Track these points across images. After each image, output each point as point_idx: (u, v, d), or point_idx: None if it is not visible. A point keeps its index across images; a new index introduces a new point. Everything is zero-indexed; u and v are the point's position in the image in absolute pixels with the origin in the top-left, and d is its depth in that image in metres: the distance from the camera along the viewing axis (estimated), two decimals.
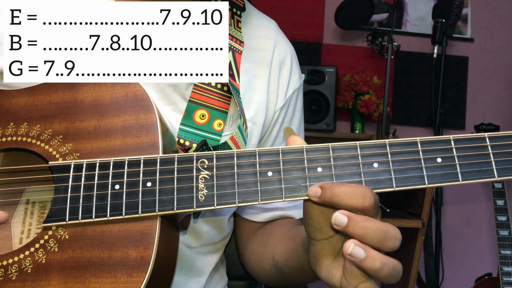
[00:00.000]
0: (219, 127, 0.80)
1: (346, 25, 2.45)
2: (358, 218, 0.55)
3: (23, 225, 0.70)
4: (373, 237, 0.54)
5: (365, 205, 0.56)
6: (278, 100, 0.91)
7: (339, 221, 0.55)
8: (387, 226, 0.55)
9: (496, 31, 3.08)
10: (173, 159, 0.62)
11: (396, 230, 0.56)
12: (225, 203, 0.60)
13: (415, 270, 1.96)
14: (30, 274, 0.61)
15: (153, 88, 0.80)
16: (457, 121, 3.03)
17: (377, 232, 0.54)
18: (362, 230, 0.54)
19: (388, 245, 0.55)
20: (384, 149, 0.60)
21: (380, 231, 0.55)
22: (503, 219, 2.18)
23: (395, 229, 0.56)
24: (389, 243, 0.55)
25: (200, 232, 0.87)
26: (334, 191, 0.56)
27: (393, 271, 0.55)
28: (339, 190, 0.56)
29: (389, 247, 0.55)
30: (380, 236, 0.54)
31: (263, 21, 0.94)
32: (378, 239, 0.54)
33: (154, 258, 0.60)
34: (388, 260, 0.55)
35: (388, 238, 0.55)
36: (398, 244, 0.56)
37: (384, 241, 0.55)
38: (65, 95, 0.67)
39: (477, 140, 0.59)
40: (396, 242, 0.55)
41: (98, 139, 0.65)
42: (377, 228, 0.55)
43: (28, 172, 0.69)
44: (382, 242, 0.55)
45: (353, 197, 0.56)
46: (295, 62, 0.95)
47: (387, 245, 0.55)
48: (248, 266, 0.97)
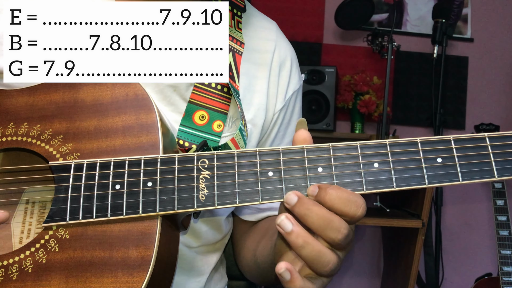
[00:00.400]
0: (218, 128, 0.80)
1: (346, 25, 2.45)
2: (306, 200, 0.56)
3: (23, 225, 0.70)
4: (315, 222, 0.55)
5: (356, 215, 0.56)
6: (277, 101, 0.91)
7: (290, 200, 0.57)
8: (334, 217, 0.56)
9: (496, 31, 3.08)
10: (174, 159, 0.62)
11: (342, 223, 0.56)
12: (226, 203, 0.60)
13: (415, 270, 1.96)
14: (30, 274, 0.61)
15: (153, 89, 0.80)
16: (457, 121, 3.03)
17: (320, 218, 0.55)
18: (305, 211, 0.56)
19: (328, 234, 0.55)
20: (384, 149, 0.60)
21: (323, 218, 0.55)
22: (503, 219, 2.18)
23: (341, 222, 0.56)
24: (330, 232, 0.55)
25: (199, 232, 0.87)
26: (328, 193, 0.56)
27: (318, 256, 0.55)
28: (334, 193, 0.56)
29: (329, 237, 0.55)
30: (321, 222, 0.55)
31: (263, 22, 0.94)
32: (319, 224, 0.55)
33: (155, 258, 0.60)
34: (313, 241, 0.55)
35: (330, 228, 0.55)
36: (340, 237, 0.55)
37: (325, 229, 0.55)
38: (65, 95, 0.67)
39: (477, 140, 0.59)
40: (339, 235, 0.55)
41: (98, 139, 0.65)
42: (321, 214, 0.55)
43: (28, 172, 0.69)
44: (323, 229, 0.55)
45: (347, 204, 0.56)
46: (295, 63, 0.95)
47: (328, 234, 0.55)
48: (240, 265, 0.98)
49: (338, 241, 0.56)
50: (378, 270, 2.97)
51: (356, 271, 3.01)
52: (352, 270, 3.01)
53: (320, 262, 0.56)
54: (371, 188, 0.59)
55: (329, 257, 0.56)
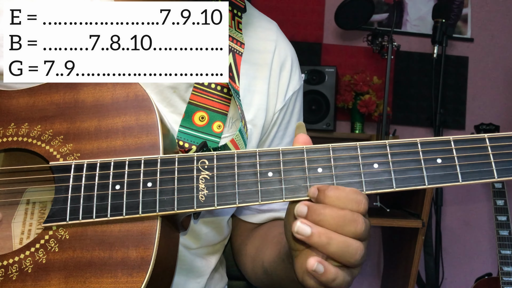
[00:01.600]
0: (218, 129, 0.80)
1: (346, 25, 2.45)
2: (316, 206, 0.57)
3: (23, 225, 0.71)
4: (331, 223, 0.56)
5: (359, 211, 0.57)
6: (277, 102, 0.90)
7: (300, 211, 0.57)
8: (345, 212, 0.56)
9: (496, 31, 3.08)
10: (174, 160, 0.62)
11: (355, 214, 0.56)
12: (226, 204, 0.60)
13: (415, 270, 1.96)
14: (30, 274, 0.61)
15: (152, 90, 0.80)
16: (457, 121, 3.03)
17: (334, 217, 0.56)
18: (319, 217, 0.56)
19: (348, 228, 0.56)
20: (384, 149, 0.60)
21: (337, 217, 0.56)
22: (503, 219, 2.18)
23: (353, 214, 0.56)
24: (349, 227, 0.56)
25: (199, 233, 0.86)
26: (327, 195, 0.57)
27: (346, 247, 0.56)
28: (333, 195, 0.57)
29: (350, 231, 0.56)
30: (337, 221, 0.56)
31: (264, 23, 0.94)
32: (336, 223, 0.56)
33: (154, 258, 0.60)
34: (337, 235, 0.56)
35: (347, 223, 0.56)
36: (360, 227, 0.56)
37: (343, 225, 0.56)
38: (66, 96, 0.67)
39: (477, 141, 0.60)
40: (358, 226, 0.56)
41: (98, 140, 0.65)
42: (334, 214, 0.56)
43: (28, 172, 0.69)
44: (342, 226, 0.56)
45: (346, 202, 0.56)
46: (295, 63, 0.95)
47: (347, 229, 0.56)
48: (242, 268, 0.97)
49: (360, 231, 0.56)
50: (378, 270, 2.97)
51: None
52: None
53: (349, 252, 0.56)
54: (371, 189, 0.59)
55: (356, 245, 0.56)
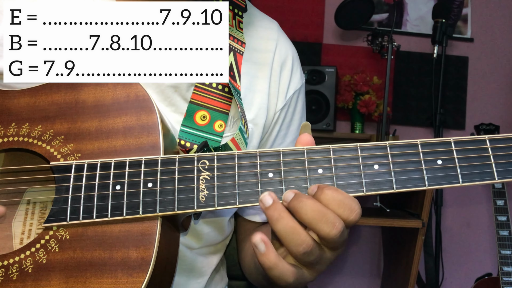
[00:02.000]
0: (220, 128, 0.80)
1: (346, 25, 2.45)
2: (301, 194, 0.57)
3: (23, 225, 0.71)
4: (308, 214, 0.55)
5: (349, 219, 0.56)
6: (278, 101, 0.90)
7: (287, 196, 0.57)
8: (329, 211, 0.55)
9: (496, 31, 3.07)
10: (174, 160, 0.62)
11: (337, 219, 0.55)
12: (226, 204, 0.60)
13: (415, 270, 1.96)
14: (30, 274, 0.61)
15: (154, 89, 0.80)
16: (457, 121, 3.03)
17: (313, 210, 0.55)
18: (299, 204, 0.56)
19: (322, 227, 0.55)
20: (384, 150, 0.60)
21: (317, 211, 0.55)
22: (503, 219, 2.18)
23: (336, 218, 0.55)
24: (323, 226, 0.55)
25: (201, 233, 0.87)
26: (324, 192, 0.56)
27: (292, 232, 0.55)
28: (330, 194, 0.56)
29: (323, 230, 0.55)
30: (315, 215, 0.55)
31: (264, 22, 0.94)
32: (313, 217, 0.55)
33: (154, 258, 0.60)
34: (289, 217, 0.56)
35: (324, 221, 0.55)
36: (335, 232, 0.55)
37: (318, 222, 0.55)
38: (66, 96, 0.67)
39: (478, 142, 0.60)
40: (333, 230, 0.55)
41: (99, 140, 0.65)
42: (315, 207, 0.55)
43: (29, 172, 0.69)
44: (316, 222, 0.55)
45: (341, 206, 0.56)
46: (296, 62, 0.95)
47: (321, 227, 0.55)
48: (241, 265, 0.97)
49: (333, 235, 0.55)
50: (378, 270, 2.97)
51: (356, 271, 3.01)
52: (352, 270, 3.01)
53: (293, 239, 0.55)
54: (371, 190, 0.59)
55: (303, 237, 0.55)
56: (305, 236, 0.56)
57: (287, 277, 0.57)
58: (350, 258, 3.01)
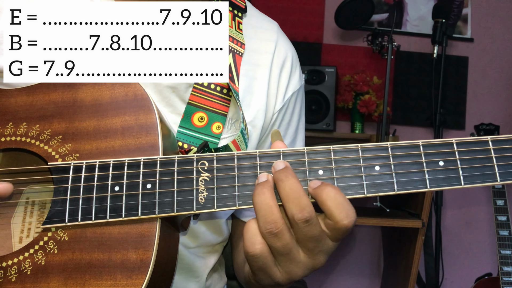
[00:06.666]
0: (217, 130, 0.80)
1: (346, 25, 2.44)
2: (290, 170, 0.58)
3: (22, 225, 0.70)
4: (285, 189, 0.57)
5: (341, 222, 0.56)
6: (276, 102, 0.90)
7: (277, 165, 0.59)
8: (305, 197, 0.57)
9: (496, 31, 3.07)
10: (173, 161, 0.61)
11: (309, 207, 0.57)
12: (225, 206, 0.60)
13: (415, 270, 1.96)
14: (29, 276, 0.60)
15: (152, 89, 0.80)
16: (457, 121, 3.03)
17: (291, 188, 0.57)
18: (283, 178, 0.58)
19: (290, 206, 0.57)
20: (386, 152, 0.60)
21: (294, 190, 0.57)
22: (503, 219, 2.18)
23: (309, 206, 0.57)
24: (292, 206, 0.57)
25: (197, 232, 0.86)
26: (327, 189, 0.57)
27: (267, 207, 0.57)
28: (332, 193, 0.57)
29: (290, 210, 0.57)
30: (290, 192, 0.57)
31: (264, 23, 0.94)
32: (287, 194, 0.57)
33: (154, 260, 0.59)
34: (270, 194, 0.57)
35: (295, 202, 0.56)
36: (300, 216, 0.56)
37: (289, 201, 0.57)
38: (64, 95, 0.67)
39: (480, 144, 0.59)
40: (299, 214, 0.56)
41: (97, 140, 0.64)
42: (294, 187, 0.57)
43: (27, 173, 0.69)
44: (288, 200, 0.57)
45: (338, 207, 0.56)
46: (295, 63, 0.95)
47: (290, 206, 0.57)
48: (234, 266, 0.97)
49: (297, 219, 0.56)
50: (378, 270, 2.97)
51: (356, 271, 3.01)
52: (352, 270, 3.01)
53: (264, 215, 0.57)
54: (372, 192, 0.59)
55: (275, 217, 0.57)
56: (277, 217, 0.57)
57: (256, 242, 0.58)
58: (350, 258, 3.01)
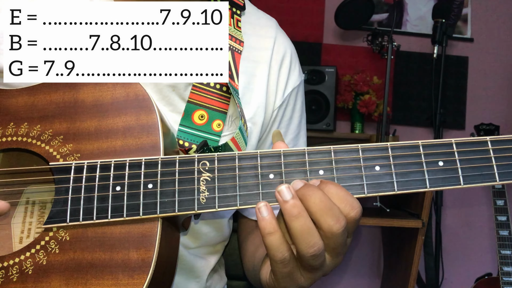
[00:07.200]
0: (218, 128, 0.80)
1: (346, 25, 2.45)
2: (312, 185, 0.57)
3: (23, 225, 0.70)
4: (317, 204, 0.55)
5: (349, 215, 0.56)
6: (276, 98, 0.90)
7: (296, 184, 0.57)
8: (335, 206, 0.55)
9: (496, 31, 3.07)
10: (174, 161, 0.62)
11: (342, 214, 0.55)
12: (227, 206, 0.60)
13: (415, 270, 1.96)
14: (31, 276, 0.60)
15: (151, 88, 0.80)
16: (457, 121, 3.03)
17: (322, 201, 0.55)
18: (310, 193, 0.55)
19: (327, 220, 0.55)
20: (386, 152, 0.60)
21: (325, 202, 0.55)
22: (503, 219, 2.18)
23: (341, 213, 0.55)
24: (329, 219, 0.55)
25: (199, 233, 0.86)
26: (328, 186, 0.57)
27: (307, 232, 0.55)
28: (333, 189, 0.57)
29: (328, 223, 0.55)
30: (323, 206, 0.55)
31: (262, 20, 0.94)
32: (321, 208, 0.55)
33: (155, 260, 0.59)
34: (307, 217, 0.55)
35: (330, 214, 0.55)
36: (338, 226, 0.55)
37: (325, 214, 0.55)
38: (65, 95, 0.67)
39: (479, 144, 0.59)
40: (337, 224, 0.55)
41: (99, 140, 0.64)
42: (324, 199, 0.55)
43: (28, 173, 0.69)
44: (323, 213, 0.55)
45: (342, 201, 0.56)
46: (294, 60, 0.95)
47: (326, 219, 0.55)
48: (243, 263, 0.97)
49: (336, 230, 0.55)
50: (378, 270, 2.97)
51: (356, 271, 3.01)
52: (352, 270, 3.01)
53: (307, 239, 0.55)
54: (372, 192, 0.59)
55: (316, 240, 0.55)
56: (318, 239, 0.56)
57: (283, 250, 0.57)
58: (350, 258, 3.01)
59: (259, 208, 0.56)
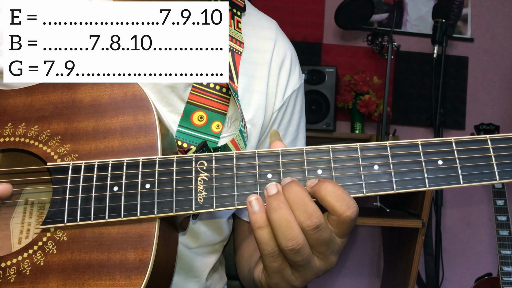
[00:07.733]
0: (217, 129, 0.80)
1: (346, 25, 2.44)
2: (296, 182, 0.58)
3: (22, 225, 0.70)
4: (291, 197, 0.57)
5: (344, 214, 0.57)
6: (276, 101, 0.90)
7: (285, 179, 0.59)
8: (311, 203, 0.57)
9: (496, 31, 3.07)
10: (172, 161, 0.61)
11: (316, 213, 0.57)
12: (224, 205, 0.60)
13: (415, 270, 1.96)
14: (28, 276, 0.60)
15: (151, 89, 0.80)
16: (457, 121, 3.03)
17: (296, 196, 0.57)
18: (288, 187, 0.57)
19: (297, 215, 0.57)
20: (385, 151, 0.60)
21: (299, 197, 0.57)
22: (503, 219, 2.17)
23: (316, 211, 0.57)
24: (299, 214, 0.56)
25: (198, 232, 0.86)
26: (325, 184, 0.57)
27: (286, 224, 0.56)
28: (330, 187, 0.57)
29: (298, 218, 0.56)
30: (297, 200, 0.57)
31: (263, 22, 0.94)
32: (293, 202, 0.57)
33: (153, 260, 0.59)
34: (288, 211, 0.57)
35: (301, 209, 0.56)
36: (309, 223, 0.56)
37: (296, 208, 0.57)
38: (63, 95, 0.67)
39: (479, 142, 0.59)
40: (307, 220, 0.56)
41: (96, 140, 0.64)
42: (300, 194, 0.57)
43: (26, 173, 0.69)
44: (294, 208, 0.57)
45: (338, 199, 0.56)
46: (294, 62, 0.95)
47: (297, 214, 0.57)
48: (237, 266, 0.97)
49: (306, 226, 0.56)
50: (378, 270, 2.97)
51: (356, 271, 3.01)
52: (352, 270, 3.01)
53: (285, 232, 0.56)
54: (371, 191, 0.59)
55: (295, 234, 0.56)
56: (297, 233, 0.56)
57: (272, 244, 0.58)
58: (350, 258, 3.01)
59: (250, 202, 0.58)
